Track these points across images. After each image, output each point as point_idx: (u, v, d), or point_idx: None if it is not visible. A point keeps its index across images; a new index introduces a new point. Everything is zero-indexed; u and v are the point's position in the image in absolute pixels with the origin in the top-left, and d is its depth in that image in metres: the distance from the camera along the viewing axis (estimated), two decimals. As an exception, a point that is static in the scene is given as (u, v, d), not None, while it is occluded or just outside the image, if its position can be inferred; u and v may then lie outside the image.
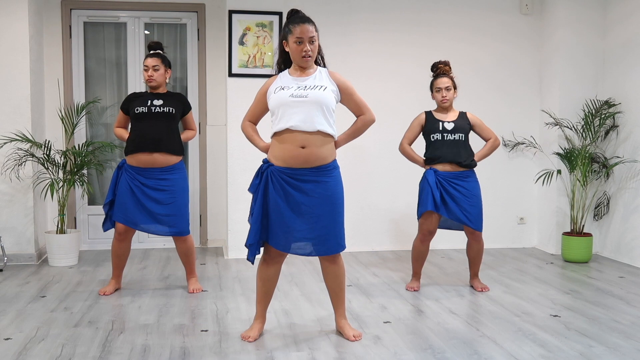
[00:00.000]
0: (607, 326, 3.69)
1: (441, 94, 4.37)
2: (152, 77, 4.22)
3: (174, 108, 4.24)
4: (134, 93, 4.44)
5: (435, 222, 4.37)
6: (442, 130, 4.35)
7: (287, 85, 3.23)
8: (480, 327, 3.66)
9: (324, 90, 3.21)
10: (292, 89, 3.20)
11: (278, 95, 3.21)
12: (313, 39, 3.20)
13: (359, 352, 3.25)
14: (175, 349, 3.26)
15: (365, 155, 5.80)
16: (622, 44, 5.60)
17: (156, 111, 4.19)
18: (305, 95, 3.17)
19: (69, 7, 5.85)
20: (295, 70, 3.30)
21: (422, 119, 4.47)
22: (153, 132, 4.18)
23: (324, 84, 3.24)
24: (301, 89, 3.19)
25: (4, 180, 5.23)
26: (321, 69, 3.33)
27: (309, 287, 4.57)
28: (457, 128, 4.34)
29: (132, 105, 4.26)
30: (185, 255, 4.42)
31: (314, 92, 3.18)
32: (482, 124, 4.49)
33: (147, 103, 4.22)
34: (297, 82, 3.24)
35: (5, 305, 4.05)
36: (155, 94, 4.29)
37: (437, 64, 4.48)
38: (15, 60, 5.24)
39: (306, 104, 3.16)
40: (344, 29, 5.77)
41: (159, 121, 4.20)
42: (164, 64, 4.27)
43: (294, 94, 3.18)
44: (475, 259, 4.53)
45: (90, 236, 6.02)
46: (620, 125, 5.63)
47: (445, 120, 4.38)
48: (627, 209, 5.53)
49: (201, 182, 6.14)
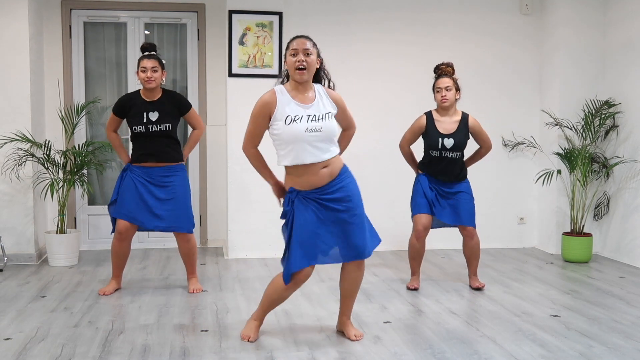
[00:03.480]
0: (607, 326, 3.69)
1: (441, 94, 4.38)
2: (152, 78, 4.23)
3: (169, 124, 4.29)
4: (127, 97, 4.43)
5: (428, 219, 4.46)
6: (441, 148, 4.39)
7: (297, 115, 3.17)
8: (480, 327, 3.66)
9: (331, 117, 3.25)
10: (304, 121, 3.16)
11: (292, 129, 3.15)
12: (308, 52, 3.18)
13: (359, 352, 3.25)
14: (175, 349, 3.26)
15: (364, 156, 5.80)
16: (622, 44, 5.60)
17: (153, 130, 4.25)
18: (319, 129, 3.16)
19: (69, 7, 5.85)
20: (294, 90, 3.24)
21: (422, 124, 4.48)
22: (153, 148, 4.29)
23: (328, 109, 3.25)
24: (313, 121, 3.17)
25: (4, 180, 5.23)
26: (317, 88, 3.30)
27: (309, 287, 4.56)
28: (456, 146, 4.39)
29: (128, 118, 4.31)
30: (187, 255, 4.43)
31: (326, 123, 3.19)
32: (481, 131, 4.53)
33: (143, 118, 4.25)
34: (305, 110, 3.19)
35: (5, 305, 4.05)
36: (150, 103, 4.28)
37: (440, 65, 4.49)
38: (15, 60, 5.24)
39: (320, 137, 3.17)
40: (343, 29, 5.76)
41: (157, 138, 4.29)
42: (161, 65, 4.29)
43: (309, 128, 3.15)
44: (471, 257, 4.54)
45: (90, 236, 6.02)
46: (620, 125, 5.63)
47: (445, 134, 4.38)
48: (627, 209, 5.53)
49: (201, 182, 6.14)
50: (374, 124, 5.78)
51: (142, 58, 4.29)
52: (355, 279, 3.41)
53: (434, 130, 4.41)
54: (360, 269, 3.40)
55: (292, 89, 3.24)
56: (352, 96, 5.65)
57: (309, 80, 3.24)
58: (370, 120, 5.78)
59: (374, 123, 5.77)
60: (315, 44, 3.27)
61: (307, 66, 3.17)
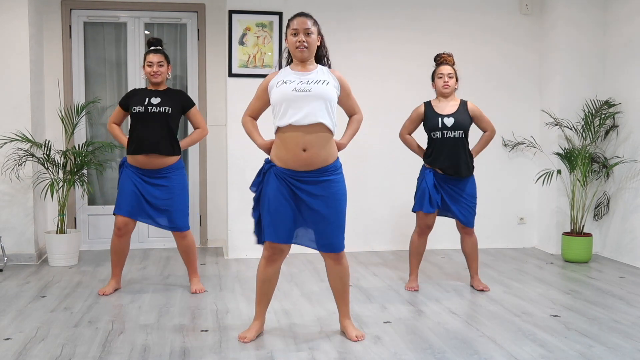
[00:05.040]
0: (607, 326, 3.69)
1: (443, 80, 4.35)
2: (158, 72, 4.23)
3: (170, 107, 4.23)
4: (134, 90, 4.45)
5: (432, 217, 4.43)
6: (441, 127, 4.32)
7: (289, 79, 3.23)
8: (480, 327, 3.66)
9: (326, 84, 3.23)
10: (295, 83, 3.20)
11: (280, 90, 3.21)
12: (308, 31, 3.23)
13: (359, 352, 3.25)
14: (175, 349, 3.26)
15: (365, 154, 5.80)
16: (622, 44, 5.60)
17: (152, 111, 4.19)
18: (308, 90, 3.17)
19: (69, 7, 5.85)
20: (296, 65, 3.32)
21: (420, 111, 4.45)
22: (149, 134, 4.19)
23: (326, 79, 3.26)
24: (304, 83, 3.20)
25: (4, 180, 5.23)
26: (322, 67, 3.35)
27: (309, 287, 4.57)
28: (456, 124, 4.31)
29: (130, 102, 4.27)
30: (186, 252, 4.42)
31: (317, 86, 3.20)
32: (482, 115, 4.47)
33: (144, 101, 4.22)
34: (299, 76, 3.25)
35: (5, 305, 4.05)
36: (154, 91, 4.29)
37: (441, 54, 4.46)
38: (15, 60, 5.24)
39: (309, 98, 3.17)
40: (344, 26, 5.76)
41: (155, 122, 4.20)
42: (166, 60, 4.30)
43: (296, 88, 3.18)
44: (471, 255, 4.54)
45: (90, 236, 6.02)
46: (620, 125, 5.63)
47: (445, 115, 4.35)
48: (627, 209, 5.53)
49: (201, 182, 6.14)
50: (374, 124, 5.78)
51: (148, 52, 4.29)
52: (338, 274, 3.41)
53: (433, 112, 4.38)
54: (340, 263, 3.39)
55: (294, 65, 3.32)
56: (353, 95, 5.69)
57: (310, 57, 3.30)
58: (370, 120, 5.75)
59: (374, 123, 5.77)
60: (316, 22, 3.31)
61: (308, 45, 3.24)
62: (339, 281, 3.43)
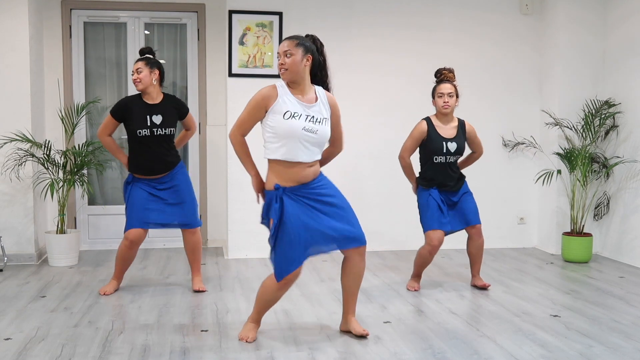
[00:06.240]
0: (607, 326, 3.69)
1: (443, 100, 4.34)
2: (137, 79, 4.23)
3: (173, 128, 4.32)
4: (127, 99, 4.38)
5: (443, 234, 4.38)
6: (446, 152, 4.34)
7: (296, 112, 3.19)
8: (480, 327, 3.66)
9: (327, 124, 3.29)
10: (302, 119, 3.19)
11: (289, 124, 3.17)
12: (287, 53, 3.21)
13: (359, 352, 3.25)
14: (175, 349, 3.26)
15: (366, 154, 5.80)
16: (622, 44, 5.60)
17: (158, 134, 4.24)
18: (315, 131, 3.21)
19: (69, 7, 5.85)
20: (295, 89, 3.26)
21: (423, 130, 4.39)
22: (156, 158, 4.27)
23: (324, 115, 3.29)
24: (311, 122, 3.21)
25: (4, 180, 5.23)
26: (319, 91, 3.34)
27: (309, 287, 4.57)
28: (458, 150, 4.38)
29: (130, 122, 4.23)
30: (192, 250, 4.44)
31: (322, 127, 3.25)
32: (476, 137, 4.55)
33: (146, 121, 4.22)
34: (305, 109, 3.22)
35: (5, 305, 4.05)
36: (152, 106, 4.26)
37: (441, 70, 4.43)
38: (15, 60, 5.24)
39: (315, 139, 3.23)
40: (343, 28, 5.75)
41: (161, 145, 4.28)
42: (147, 65, 4.23)
43: (306, 127, 3.19)
44: (476, 256, 4.53)
45: (90, 236, 6.02)
46: (620, 125, 5.63)
47: (448, 138, 4.36)
48: (627, 209, 5.53)
49: (201, 182, 6.14)
50: (374, 124, 5.78)
51: None
52: (359, 271, 3.43)
53: (437, 135, 4.36)
54: (363, 259, 3.42)
55: (291, 87, 3.28)
56: (353, 94, 5.69)
57: (294, 78, 3.24)
58: (370, 120, 5.78)
59: (374, 122, 5.78)
60: (305, 44, 3.24)
61: (288, 67, 3.21)
62: (358, 279, 3.45)
